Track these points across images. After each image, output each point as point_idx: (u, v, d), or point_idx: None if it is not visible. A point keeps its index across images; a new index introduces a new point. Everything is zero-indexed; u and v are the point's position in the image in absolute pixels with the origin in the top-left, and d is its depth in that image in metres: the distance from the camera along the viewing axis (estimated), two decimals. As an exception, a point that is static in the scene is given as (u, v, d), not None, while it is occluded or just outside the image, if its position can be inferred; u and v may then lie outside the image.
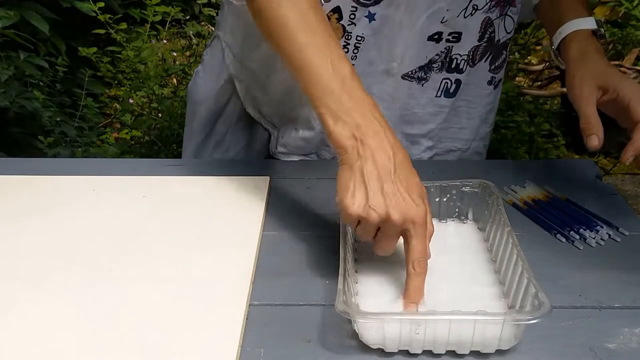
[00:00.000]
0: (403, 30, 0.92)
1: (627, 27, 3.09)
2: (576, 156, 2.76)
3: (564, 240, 0.81)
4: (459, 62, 0.96)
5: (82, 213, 0.85)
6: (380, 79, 0.96)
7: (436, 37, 0.93)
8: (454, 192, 0.82)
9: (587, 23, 0.90)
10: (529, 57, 3.42)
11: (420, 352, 0.62)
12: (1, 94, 2.00)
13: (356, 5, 0.90)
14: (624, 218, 0.84)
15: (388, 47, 0.94)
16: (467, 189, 0.82)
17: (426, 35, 0.92)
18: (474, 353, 0.62)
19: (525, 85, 3.15)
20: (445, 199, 0.82)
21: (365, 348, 0.63)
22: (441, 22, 0.91)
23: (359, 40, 0.93)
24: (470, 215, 0.83)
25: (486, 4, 0.92)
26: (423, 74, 0.96)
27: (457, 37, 0.93)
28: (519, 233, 0.73)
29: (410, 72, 0.96)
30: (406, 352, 0.62)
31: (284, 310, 0.69)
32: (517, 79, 3.25)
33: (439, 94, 0.99)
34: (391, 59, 0.95)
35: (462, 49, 0.95)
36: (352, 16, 0.90)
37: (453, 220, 0.83)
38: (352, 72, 0.70)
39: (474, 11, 0.92)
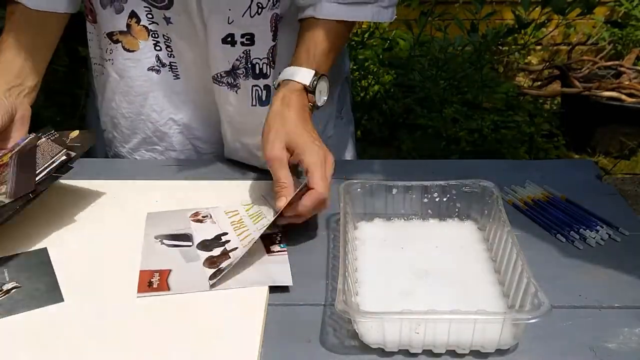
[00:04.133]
0: (200, 34, 0.93)
1: (627, 27, 3.09)
2: (576, 156, 2.76)
3: (564, 240, 0.81)
4: (261, 66, 0.93)
5: (105, 221, 0.84)
6: (204, 84, 0.98)
7: (229, 39, 0.92)
8: (454, 192, 0.82)
9: (301, 76, 0.88)
10: (529, 57, 3.42)
11: (420, 351, 0.62)
12: (1, 94, 2.00)
13: (149, 7, 0.92)
14: (624, 218, 0.84)
15: (197, 49, 0.95)
16: (467, 189, 0.82)
17: (220, 38, 0.92)
18: (474, 352, 0.62)
19: (525, 85, 3.15)
20: (445, 199, 0.82)
21: (365, 348, 0.63)
22: (228, 23, 0.90)
23: (167, 40, 0.95)
24: (470, 215, 0.83)
25: (269, 1, 0.89)
26: (232, 79, 0.95)
27: (250, 39, 0.92)
28: (519, 233, 0.73)
29: (217, 76, 0.95)
30: (406, 352, 0.62)
31: (284, 310, 0.69)
32: (517, 79, 3.25)
33: (253, 103, 0.95)
34: (203, 62, 0.95)
35: (259, 52, 0.93)
36: (150, 16, 0.93)
37: (453, 220, 0.83)
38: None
39: (259, 10, 0.90)
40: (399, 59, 2.69)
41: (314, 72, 0.88)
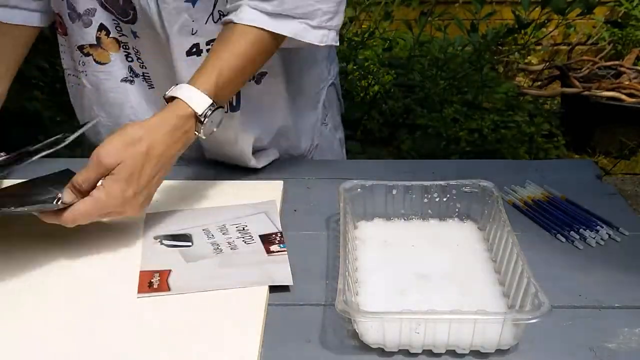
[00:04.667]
0: (165, 49, 0.91)
1: (627, 27, 3.09)
2: (576, 156, 2.76)
3: (564, 240, 0.81)
4: None
5: (105, 221, 0.83)
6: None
7: (194, 50, 0.90)
8: (454, 192, 0.82)
9: (195, 100, 0.79)
10: (529, 57, 3.43)
11: (420, 351, 0.62)
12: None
13: (117, 20, 0.91)
14: (624, 218, 0.84)
15: (166, 63, 0.93)
16: (467, 189, 0.82)
17: (184, 51, 0.90)
18: (474, 353, 0.62)
19: (525, 85, 3.15)
20: (445, 199, 0.82)
21: (365, 348, 0.63)
22: (192, 34, 0.89)
23: (137, 53, 0.95)
24: (470, 215, 0.83)
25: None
26: None
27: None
28: (519, 233, 0.73)
29: None
30: (406, 352, 0.62)
31: (284, 310, 0.69)
32: (517, 79, 3.25)
33: (227, 110, 0.91)
34: (174, 75, 0.93)
35: None
36: (119, 29, 0.93)
37: (453, 220, 0.83)
38: None
39: (221, 16, 0.88)
40: (399, 59, 2.69)
41: (210, 102, 0.79)
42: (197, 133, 0.80)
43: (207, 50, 0.90)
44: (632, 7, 3.10)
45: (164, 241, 0.80)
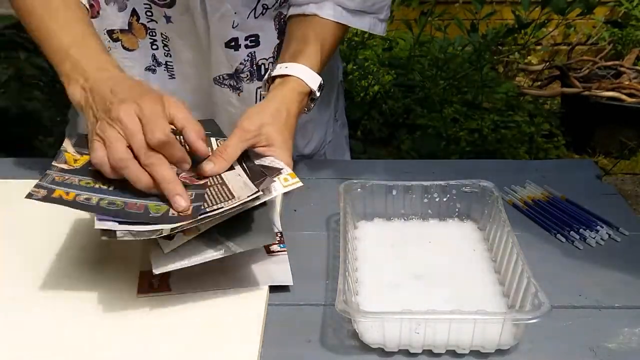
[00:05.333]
0: (202, 35, 0.92)
1: (627, 27, 3.10)
2: (576, 156, 2.76)
3: (564, 240, 0.81)
4: (266, 66, 0.94)
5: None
6: (201, 84, 0.97)
7: (233, 44, 0.91)
8: (454, 192, 0.82)
9: (313, 81, 0.86)
10: (529, 57, 3.43)
11: (420, 351, 0.62)
12: (1, 94, 2.00)
13: (150, 4, 0.91)
14: (624, 218, 0.84)
15: (197, 50, 0.94)
16: (467, 189, 0.82)
17: (223, 42, 0.91)
18: (474, 353, 0.62)
19: (525, 85, 3.16)
20: (445, 199, 0.82)
21: (365, 348, 0.63)
22: (233, 27, 0.90)
23: (165, 39, 0.94)
24: (470, 215, 0.83)
25: (276, 1, 0.90)
26: (235, 82, 0.95)
27: (255, 40, 0.92)
28: (519, 233, 0.73)
29: (219, 77, 0.95)
30: (406, 352, 0.62)
31: (284, 310, 0.69)
32: (517, 79, 3.25)
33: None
34: (202, 63, 0.94)
35: (265, 52, 0.93)
36: (149, 14, 0.92)
37: (453, 220, 0.83)
38: (84, 36, 0.82)
39: (264, 10, 0.90)
40: (399, 59, 2.70)
41: (321, 80, 0.87)
42: (305, 110, 0.88)
43: (245, 46, 0.92)
44: (632, 7, 3.10)
45: None
